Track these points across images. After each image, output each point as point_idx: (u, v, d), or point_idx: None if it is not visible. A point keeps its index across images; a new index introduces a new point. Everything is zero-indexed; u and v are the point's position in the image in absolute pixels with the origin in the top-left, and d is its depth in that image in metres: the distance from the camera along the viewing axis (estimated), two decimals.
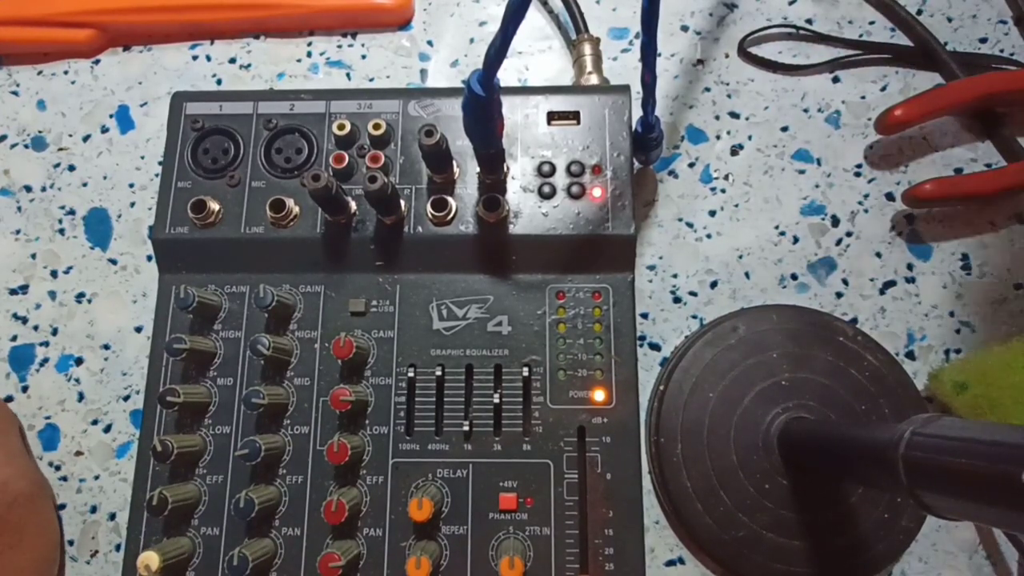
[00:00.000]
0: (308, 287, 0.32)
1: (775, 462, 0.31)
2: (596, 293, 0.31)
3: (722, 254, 0.36)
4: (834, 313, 0.34)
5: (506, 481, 0.29)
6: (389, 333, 0.31)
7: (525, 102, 0.33)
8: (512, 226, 0.31)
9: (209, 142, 0.33)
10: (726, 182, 0.37)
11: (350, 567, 0.28)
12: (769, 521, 0.30)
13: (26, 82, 0.40)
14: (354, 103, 0.33)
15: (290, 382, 0.31)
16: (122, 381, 0.35)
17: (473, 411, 0.30)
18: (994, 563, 0.32)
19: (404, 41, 0.40)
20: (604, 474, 0.29)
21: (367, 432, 0.30)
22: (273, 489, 0.29)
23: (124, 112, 0.39)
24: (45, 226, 0.37)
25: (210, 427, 0.30)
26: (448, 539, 0.29)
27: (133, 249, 0.37)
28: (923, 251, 0.35)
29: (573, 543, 0.29)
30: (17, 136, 0.39)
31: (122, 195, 0.38)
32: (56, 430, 0.35)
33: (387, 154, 0.32)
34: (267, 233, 0.32)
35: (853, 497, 0.31)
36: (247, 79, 0.39)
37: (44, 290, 0.36)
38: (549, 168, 0.32)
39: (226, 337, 0.31)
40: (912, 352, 0.34)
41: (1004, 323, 0.34)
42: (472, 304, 0.32)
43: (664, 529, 0.32)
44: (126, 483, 0.34)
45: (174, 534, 0.29)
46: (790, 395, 0.32)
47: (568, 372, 0.31)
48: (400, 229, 0.31)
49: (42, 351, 0.36)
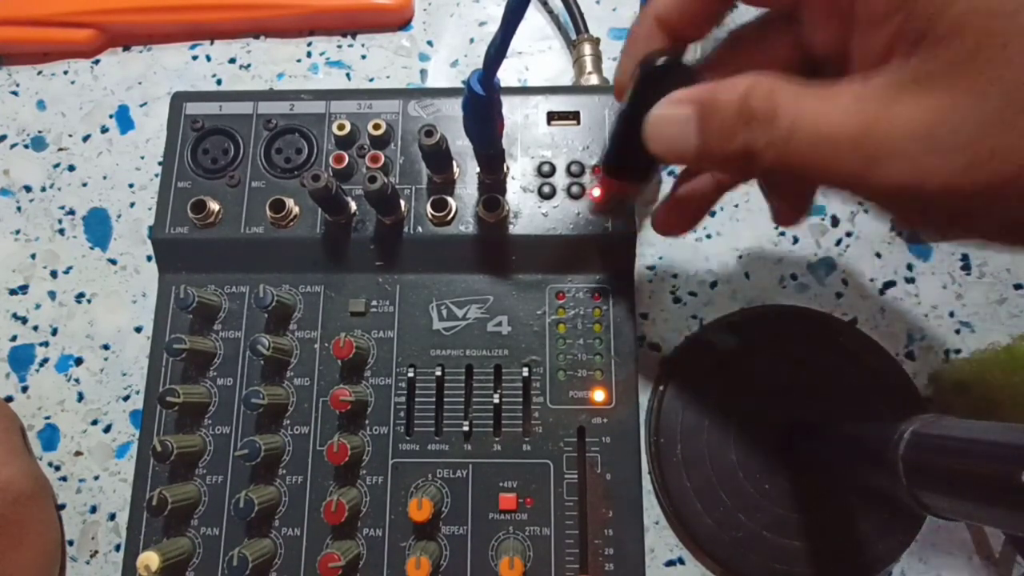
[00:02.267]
0: (308, 287, 0.32)
1: (775, 462, 0.31)
2: (596, 293, 0.31)
3: (722, 254, 0.36)
4: (834, 313, 0.34)
5: (506, 481, 0.29)
6: (389, 333, 0.31)
7: (525, 102, 0.33)
8: (512, 226, 0.31)
9: (209, 142, 0.33)
10: None
11: (350, 567, 0.28)
12: (769, 521, 0.30)
13: (26, 82, 0.40)
14: (354, 103, 0.33)
15: (290, 382, 0.31)
16: (122, 381, 0.35)
17: (473, 411, 0.30)
18: (994, 563, 0.32)
19: (404, 41, 0.40)
20: (604, 474, 0.29)
21: (367, 432, 0.30)
22: (273, 489, 0.29)
23: (124, 112, 0.39)
24: (45, 226, 0.37)
25: (210, 427, 0.30)
26: (448, 539, 0.29)
27: (133, 249, 0.37)
28: (923, 251, 0.35)
29: (573, 543, 0.29)
30: (17, 136, 0.39)
31: (122, 195, 0.38)
32: (56, 430, 0.35)
33: (387, 154, 0.32)
34: (267, 233, 0.32)
35: (853, 497, 0.31)
36: (247, 79, 0.39)
37: (44, 290, 0.36)
38: (549, 168, 0.32)
39: (226, 337, 0.31)
40: (912, 352, 0.34)
41: (1004, 323, 0.34)
42: (472, 304, 0.32)
43: (664, 529, 0.32)
44: (126, 483, 0.34)
45: (174, 534, 0.29)
46: (790, 395, 0.32)
47: (568, 372, 0.31)
48: (400, 229, 0.31)
49: (42, 351, 0.36)
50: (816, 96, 0.17)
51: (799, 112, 0.17)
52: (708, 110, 0.18)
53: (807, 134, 0.16)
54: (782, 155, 0.17)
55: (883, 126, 0.15)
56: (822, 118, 0.16)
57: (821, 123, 0.16)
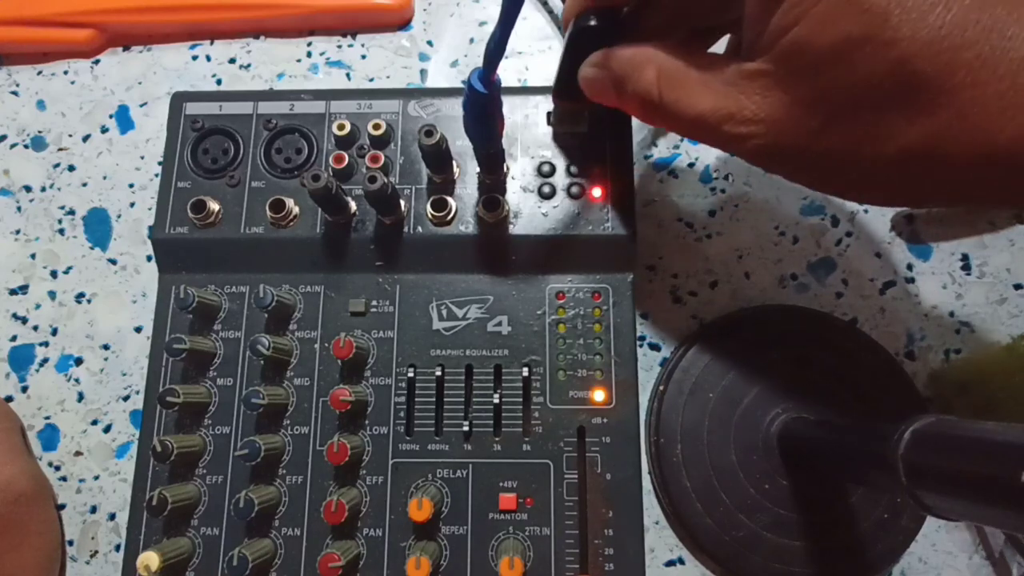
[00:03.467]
0: (308, 287, 0.32)
1: (775, 462, 0.31)
2: (596, 293, 0.31)
3: (722, 254, 0.36)
4: (834, 313, 0.34)
5: (506, 481, 0.29)
6: (389, 333, 0.31)
7: (525, 102, 0.33)
8: (512, 226, 0.31)
9: (209, 142, 0.33)
10: (726, 182, 0.37)
11: (350, 567, 0.28)
12: (769, 521, 0.30)
13: (26, 82, 0.40)
14: (354, 103, 0.33)
15: (290, 382, 0.31)
16: (122, 381, 0.35)
17: (473, 411, 0.30)
18: (994, 563, 0.32)
19: (404, 41, 0.40)
20: (604, 474, 0.29)
21: (367, 432, 0.30)
22: (273, 489, 0.29)
23: (124, 112, 0.39)
24: (45, 226, 0.37)
25: (210, 427, 0.30)
26: (448, 539, 0.29)
27: (133, 249, 0.37)
28: (923, 251, 0.35)
29: (573, 543, 0.29)
30: (17, 136, 0.39)
31: (122, 195, 0.38)
32: (56, 430, 0.35)
33: (387, 154, 0.32)
34: (267, 233, 0.32)
35: (853, 497, 0.31)
36: (247, 79, 0.39)
37: (44, 290, 0.36)
38: (549, 168, 0.32)
39: (226, 337, 0.31)
40: (912, 352, 0.34)
41: (1004, 323, 0.34)
42: (472, 304, 0.32)
43: (664, 529, 0.32)
44: (126, 483, 0.34)
45: (174, 534, 0.29)
46: (790, 395, 0.32)
47: (568, 372, 0.31)
48: (400, 229, 0.31)
49: (42, 351, 0.36)
50: (694, 84, 0.22)
51: (677, 100, 0.23)
52: (618, 85, 0.25)
53: (685, 115, 0.23)
54: (667, 122, 0.24)
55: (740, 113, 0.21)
56: (694, 105, 0.22)
57: (694, 108, 0.22)
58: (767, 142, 0.21)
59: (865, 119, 0.19)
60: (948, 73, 0.18)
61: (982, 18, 0.17)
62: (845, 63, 0.19)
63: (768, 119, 0.21)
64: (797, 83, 0.20)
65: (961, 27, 0.17)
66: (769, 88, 0.20)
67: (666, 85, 0.23)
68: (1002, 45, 0.17)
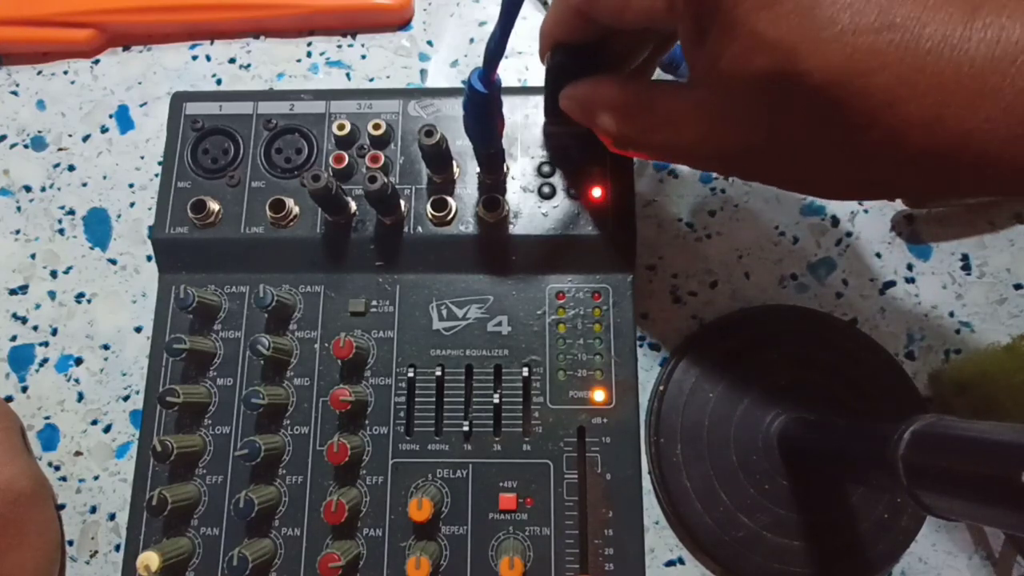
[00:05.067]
0: (308, 287, 0.32)
1: (775, 462, 0.31)
2: (596, 293, 0.31)
3: (722, 254, 0.36)
4: (834, 313, 0.34)
5: (506, 481, 0.29)
6: (389, 333, 0.31)
7: (525, 102, 0.33)
8: (512, 226, 0.31)
9: (209, 142, 0.33)
10: (726, 182, 0.37)
11: (350, 567, 0.28)
12: (769, 521, 0.30)
13: (26, 82, 0.40)
14: (354, 103, 0.33)
15: (290, 382, 0.31)
16: (122, 381, 0.35)
17: (473, 411, 0.30)
18: (994, 563, 0.32)
19: (404, 41, 0.40)
20: (604, 474, 0.29)
21: (367, 432, 0.30)
22: (273, 489, 0.29)
23: (124, 112, 0.39)
24: (45, 226, 0.37)
25: (210, 427, 0.30)
26: (448, 539, 0.29)
27: (133, 249, 0.37)
28: (923, 251, 0.35)
29: (573, 543, 0.29)
30: (17, 136, 0.39)
31: (122, 195, 0.38)
32: (56, 430, 0.35)
33: (387, 154, 0.32)
34: (267, 233, 0.32)
35: (853, 497, 0.31)
36: (247, 79, 0.39)
37: (44, 290, 0.36)
38: (549, 168, 0.32)
39: (226, 337, 0.31)
40: (912, 352, 0.34)
41: (1004, 323, 0.34)
42: (472, 304, 0.32)
43: (664, 529, 0.32)
44: (126, 483, 0.34)
45: (174, 534, 0.29)
46: (790, 395, 0.32)
47: (568, 372, 0.31)
48: (400, 229, 0.31)
49: (42, 351, 0.36)
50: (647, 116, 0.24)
51: (644, 134, 0.25)
52: (587, 119, 0.26)
53: (648, 147, 0.25)
54: (636, 153, 0.27)
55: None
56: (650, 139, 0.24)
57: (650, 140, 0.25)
58: (723, 165, 0.24)
59: (802, 142, 0.20)
60: (866, 96, 0.17)
61: (894, 37, 0.17)
62: (768, 95, 0.19)
63: (716, 143, 0.22)
64: (733, 110, 0.21)
65: (870, 51, 0.17)
66: (711, 116, 0.22)
67: (622, 122, 0.25)
68: (919, 62, 0.17)
